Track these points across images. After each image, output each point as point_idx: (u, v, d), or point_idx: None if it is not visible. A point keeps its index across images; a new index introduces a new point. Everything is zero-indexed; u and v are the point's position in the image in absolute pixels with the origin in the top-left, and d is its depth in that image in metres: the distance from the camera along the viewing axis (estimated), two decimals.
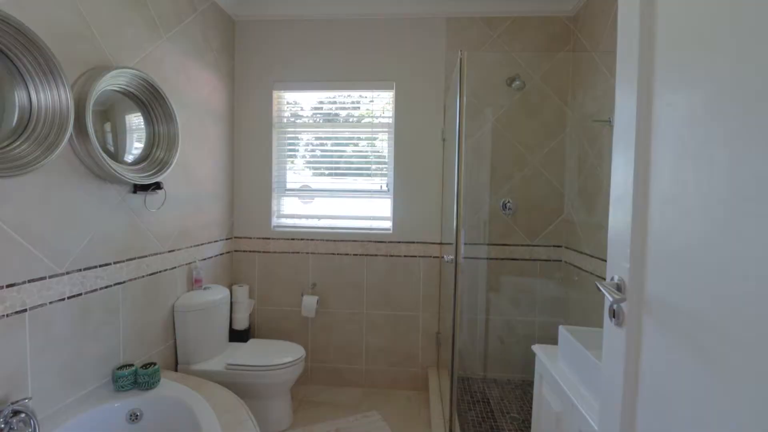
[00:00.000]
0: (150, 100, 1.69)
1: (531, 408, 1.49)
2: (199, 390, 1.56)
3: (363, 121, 2.57)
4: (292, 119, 2.59)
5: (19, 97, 1.16)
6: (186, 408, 1.43)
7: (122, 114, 1.61)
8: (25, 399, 1.13)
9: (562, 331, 1.33)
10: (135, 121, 1.68)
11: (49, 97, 1.21)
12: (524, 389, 2.32)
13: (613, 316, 0.73)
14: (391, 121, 2.49)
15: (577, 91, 2.29)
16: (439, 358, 2.52)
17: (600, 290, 0.70)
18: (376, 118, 2.54)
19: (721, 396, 0.51)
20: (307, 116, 2.60)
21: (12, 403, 1.09)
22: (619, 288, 0.70)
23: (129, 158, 1.64)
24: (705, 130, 0.57)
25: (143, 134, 1.71)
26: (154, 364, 1.56)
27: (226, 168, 2.46)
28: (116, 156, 1.56)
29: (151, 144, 1.72)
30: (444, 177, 2.46)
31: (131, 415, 1.43)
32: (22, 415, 1.09)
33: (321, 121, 2.60)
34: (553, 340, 1.49)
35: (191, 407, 1.41)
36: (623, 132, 0.75)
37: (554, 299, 2.41)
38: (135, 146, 1.69)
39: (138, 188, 1.65)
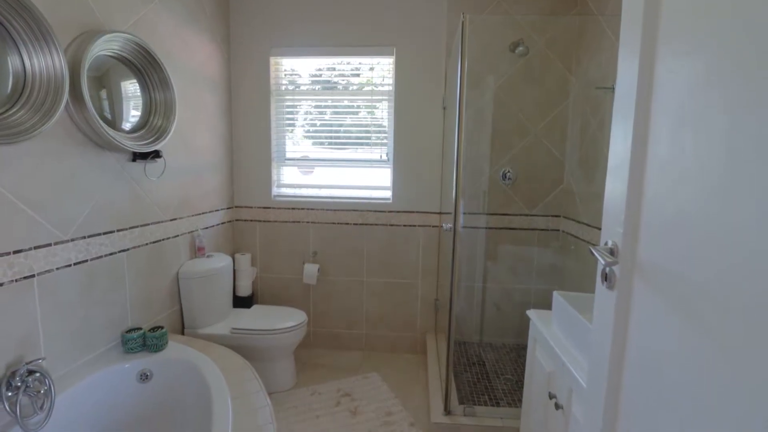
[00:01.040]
0: (145, 66, 1.65)
1: (524, 370, 1.56)
2: (206, 352, 1.62)
3: (363, 89, 2.52)
4: (291, 87, 2.54)
5: (12, 62, 1.14)
6: (194, 368, 1.49)
7: (118, 80, 1.59)
8: (38, 359, 1.19)
9: (556, 296, 1.37)
10: (131, 88, 1.65)
11: (42, 63, 1.19)
12: (518, 353, 2.41)
13: (605, 280, 0.75)
14: (391, 88, 2.45)
15: (582, 58, 2.23)
16: (436, 324, 2.60)
17: (593, 254, 0.72)
18: (376, 86, 2.49)
19: (709, 356, 0.54)
20: (306, 84, 2.55)
21: (26, 363, 1.14)
22: (612, 252, 0.72)
23: (126, 126, 1.63)
24: (705, 96, 0.57)
25: (140, 102, 1.68)
26: (162, 327, 1.62)
27: (225, 137, 2.44)
28: (114, 124, 1.55)
29: (148, 111, 1.71)
30: (444, 146, 2.44)
31: (141, 375, 1.50)
32: (37, 374, 1.14)
33: (320, 89, 2.55)
34: (548, 307, 1.53)
35: (199, 367, 1.48)
36: (624, 98, 0.75)
37: (551, 267, 2.46)
38: (132, 114, 1.67)
39: (137, 156, 1.65)
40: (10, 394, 1.07)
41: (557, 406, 1.19)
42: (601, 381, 0.80)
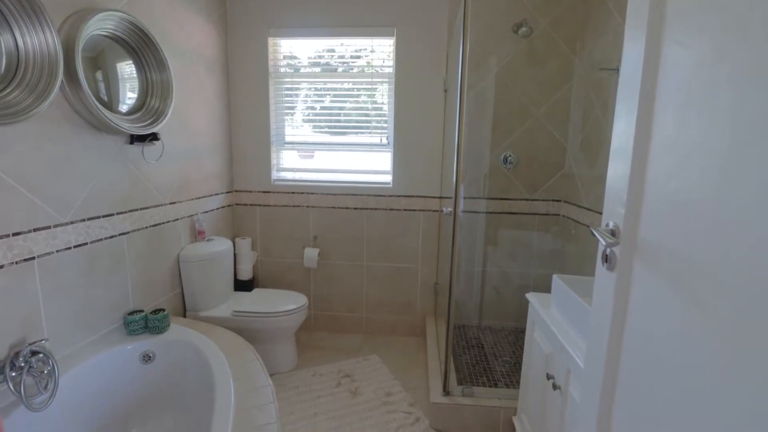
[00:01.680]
0: (140, 46, 1.62)
1: (522, 352, 1.57)
2: (208, 334, 1.64)
3: (363, 72, 2.48)
4: (290, 70, 2.50)
5: (5, 41, 1.12)
6: (196, 349, 1.51)
7: (113, 61, 1.56)
8: (41, 340, 1.20)
9: (556, 279, 1.37)
10: (127, 69, 1.62)
11: (36, 42, 1.17)
12: (517, 336, 2.43)
13: (606, 261, 0.75)
14: (391, 70, 2.41)
15: (587, 39, 2.19)
16: (436, 308, 2.62)
17: (594, 235, 0.72)
18: (377, 68, 2.45)
19: (709, 336, 0.53)
20: (305, 67, 2.51)
21: (30, 344, 1.15)
22: (613, 233, 0.71)
23: (123, 108, 1.61)
24: (712, 72, 0.56)
25: (136, 84, 1.66)
26: (163, 310, 1.63)
27: (223, 120, 2.42)
28: (110, 106, 1.53)
29: (144, 93, 1.68)
30: (445, 129, 2.42)
31: (144, 356, 1.52)
32: (41, 355, 1.15)
33: (320, 71, 2.50)
34: (547, 291, 1.54)
35: (201, 349, 1.49)
36: (629, 76, 0.73)
37: (551, 252, 2.47)
38: (129, 96, 1.65)
39: (135, 139, 1.64)
40: (14, 374, 1.08)
41: (555, 387, 1.20)
42: (599, 362, 0.81)
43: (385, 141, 2.50)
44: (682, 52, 0.62)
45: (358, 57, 2.47)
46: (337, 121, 2.55)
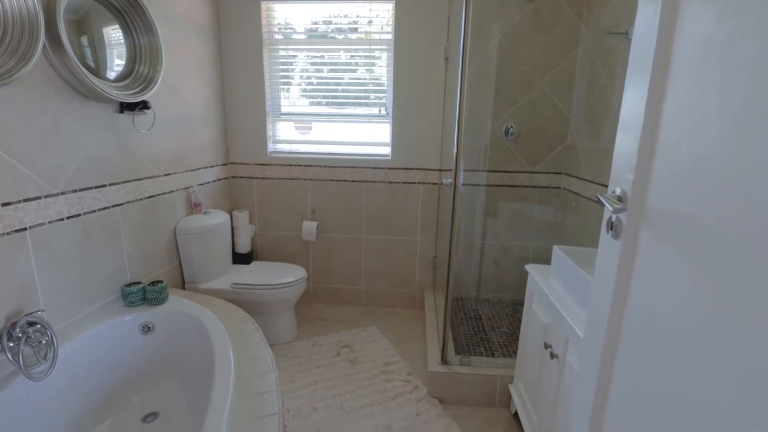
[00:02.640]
0: (126, 8, 1.54)
1: (520, 324, 1.59)
2: (207, 305, 1.64)
3: (362, 38, 2.38)
4: (285, 38, 2.40)
5: None
6: (195, 320, 1.51)
7: (99, 26, 1.48)
8: (38, 311, 1.19)
9: (556, 250, 1.36)
10: (114, 35, 1.55)
11: (14, 1, 1.10)
12: (515, 308, 2.46)
13: (611, 229, 0.73)
14: (390, 37, 2.32)
15: (594, 3, 2.09)
16: (435, 280, 2.63)
17: (601, 201, 0.70)
18: (376, 33, 2.35)
19: (718, 302, 0.52)
20: (299, 34, 2.40)
21: (26, 315, 1.14)
22: (620, 200, 0.69)
23: (111, 75, 1.54)
24: (732, 27, 0.52)
25: (124, 50, 1.59)
26: (161, 281, 1.62)
27: (216, 89, 2.34)
28: (97, 72, 1.47)
29: (132, 58, 1.61)
30: (446, 100, 2.35)
31: (144, 327, 1.52)
32: (38, 326, 1.15)
33: (317, 39, 2.41)
34: (546, 263, 1.53)
35: (200, 319, 1.49)
36: (643, 35, 0.69)
37: (550, 225, 2.45)
38: (117, 63, 1.58)
39: (125, 108, 1.58)
40: (11, 344, 1.08)
41: (552, 356, 1.21)
42: (600, 331, 0.80)
43: (383, 112, 2.43)
44: (701, 6, 0.58)
45: (356, 28, 2.36)
46: (334, 95, 2.47)
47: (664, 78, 0.65)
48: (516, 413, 1.65)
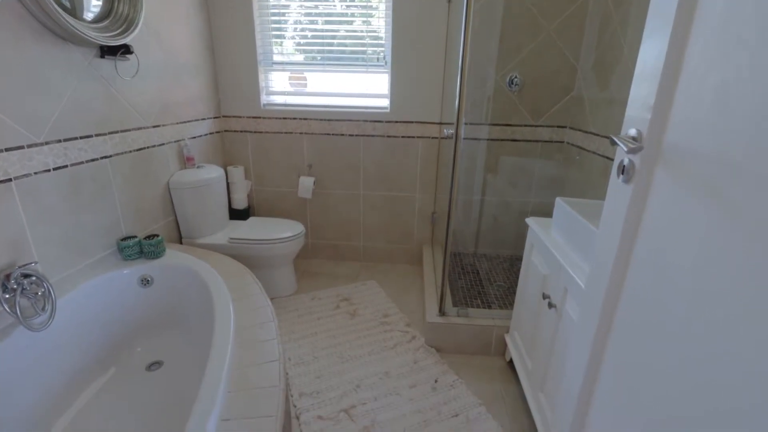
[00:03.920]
0: None
1: (517, 278, 1.59)
2: (205, 259, 1.63)
3: None
4: None
5: None
6: (194, 273, 1.51)
7: None
8: (31, 263, 1.17)
9: (559, 201, 1.34)
10: None
11: None
12: (512, 263, 2.48)
13: (622, 173, 0.69)
14: None
15: None
16: (433, 236, 2.63)
17: (615, 143, 0.66)
18: None
19: (735, 245, 0.49)
20: None
21: (19, 267, 1.13)
22: (635, 140, 0.65)
23: (89, 16, 1.43)
24: None
25: None
26: (157, 235, 1.60)
27: (204, 36, 2.20)
28: (74, 12, 1.36)
29: None
30: (448, 47, 2.23)
31: (142, 280, 1.52)
32: (33, 277, 1.14)
33: None
34: (547, 218, 1.51)
35: (199, 272, 1.49)
36: None
37: (552, 179, 2.42)
38: (93, 3, 1.46)
39: (106, 52, 1.48)
40: (7, 296, 1.07)
41: (550, 305, 1.22)
42: (603, 281, 0.79)
43: (382, 58, 2.31)
44: None
45: None
46: (330, 48, 2.32)
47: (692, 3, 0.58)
48: (511, 361, 1.70)
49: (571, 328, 1.09)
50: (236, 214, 2.41)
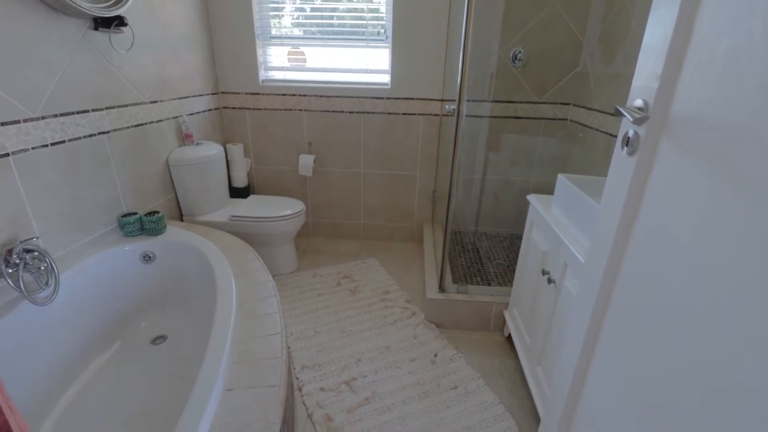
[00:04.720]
0: None
1: (517, 256, 1.60)
2: (206, 236, 1.64)
3: None
4: None
5: None
6: (195, 249, 1.51)
7: None
8: (32, 238, 1.18)
9: (561, 177, 1.33)
10: None
11: None
12: (512, 241, 2.48)
13: (627, 144, 0.68)
14: None
15: None
16: (433, 215, 2.63)
17: (620, 113, 0.64)
18: None
19: (741, 215, 0.49)
20: None
21: (21, 242, 1.13)
22: (641, 110, 0.64)
23: None
24: None
25: None
26: (158, 212, 1.60)
27: (199, 9, 2.14)
28: None
29: None
30: (450, 20, 2.17)
31: (144, 256, 1.53)
32: (35, 253, 1.14)
33: None
34: (548, 196, 1.50)
35: (200, 248, 1.50)
36: None
37: (554, 157, 2.40)
38: None
39: (99, 24, 1.44)
40: (10, 270, 1.08)
41: (550, 281, 1.23)
42: (603, 255, 0.79)
43: (383, 32, 2.25)
44: None
45: None
46: (329, 23, 2.26)
47: None
48: (509, 336, 1.72)
49: (570, 303, 1.10)
50: (236, 193, 2.40)
